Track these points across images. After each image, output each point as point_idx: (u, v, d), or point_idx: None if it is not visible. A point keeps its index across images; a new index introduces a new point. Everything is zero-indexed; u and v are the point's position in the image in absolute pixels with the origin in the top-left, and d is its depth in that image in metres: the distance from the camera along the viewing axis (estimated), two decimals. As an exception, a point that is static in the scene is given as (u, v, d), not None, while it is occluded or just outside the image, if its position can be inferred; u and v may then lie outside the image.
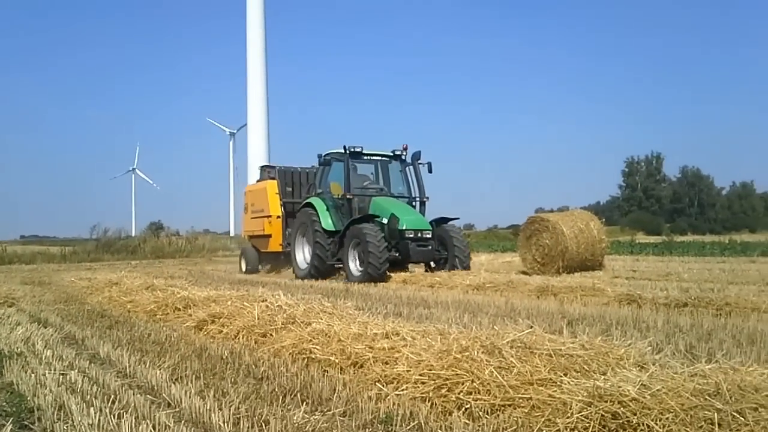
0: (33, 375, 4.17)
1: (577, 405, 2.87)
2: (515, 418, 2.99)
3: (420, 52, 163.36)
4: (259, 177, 17.57)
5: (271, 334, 5.18)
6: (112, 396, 3.60)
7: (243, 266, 16.64)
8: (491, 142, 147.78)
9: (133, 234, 37.53)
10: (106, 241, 29.02)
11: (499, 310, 6.88)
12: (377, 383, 3.68)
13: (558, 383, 3.15)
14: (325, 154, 13.56)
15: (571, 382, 3.11)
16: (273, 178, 15.90)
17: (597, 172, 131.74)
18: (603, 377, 3.12)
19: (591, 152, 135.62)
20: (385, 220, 12.31)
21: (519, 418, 2.99)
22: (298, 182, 15.98)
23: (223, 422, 3.07)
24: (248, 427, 3.03)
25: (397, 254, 12.12)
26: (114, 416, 3.14)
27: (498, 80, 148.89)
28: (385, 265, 11.49)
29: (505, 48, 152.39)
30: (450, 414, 3.18)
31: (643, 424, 2.67)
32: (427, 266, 12.94)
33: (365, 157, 13.66)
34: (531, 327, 4.11)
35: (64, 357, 4.84)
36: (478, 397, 3.22)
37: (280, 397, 3.58)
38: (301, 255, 13.67)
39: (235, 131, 60.94)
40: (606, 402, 2.82)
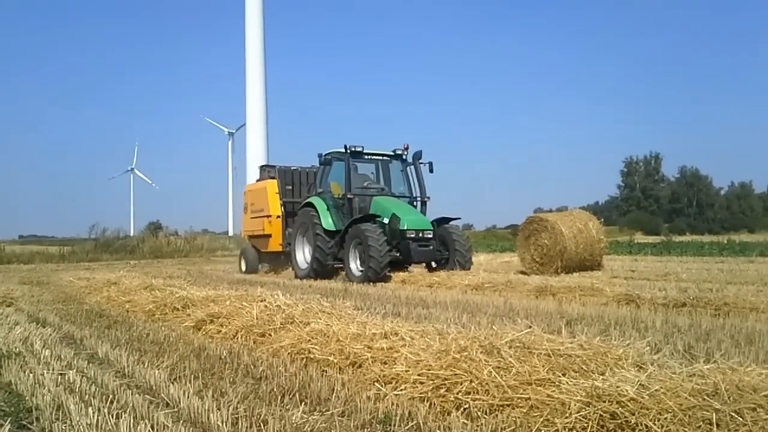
0: (31, 375, 4.17)
1: (575, 405, 2.87)
2: (514, 418, 2.99)
3: (419, 53, 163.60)
4: (258, 176, 17.44)
5: (269, 334, 5.18)
6: (111, 396, 3.60)
7: (243, 266, 16.56)
8: (490, 142, 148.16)
9: (132, 234, 37.47)
10: (104, 240, 29.01)
11: (498, 310, 6.89)
12: (376, 383, 3.69)
13: (556, 383, 3.15)
14: (326, 154, 13.48)
15: (569, 382, 3.11)
16: (273, 178, 15.80)
17: (596, 172, 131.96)
18: (601, 377, 3.12)
19: (590, 152, 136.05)
20: (386, 220, 12.23)
21: (517, 418, 2.99)
22: (298, 182, 15.91)
23: (222, 422, 3.07)
24: (247, 427, 3.03)
25: (399, 254, 12.04)
26: (112, 416, 3.13)
27: (497, 80, 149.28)
28: (387, 266, 11.44)
29: (504, 48, 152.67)
30: (448, 414, 3.19)
31: (641, 424, 2.67)
32: (428, 266, 12.87)
33: (366, 157, 13.57)
34: (529, 327, 4.11)
35: (62, 357, 4.84)
36: (477, 397, 3.22)
37: (279, 397, 3.58)
38: (302, 255, 13.63)
39: (233, 131, 60.83)
40: (604, 402, 2.82)
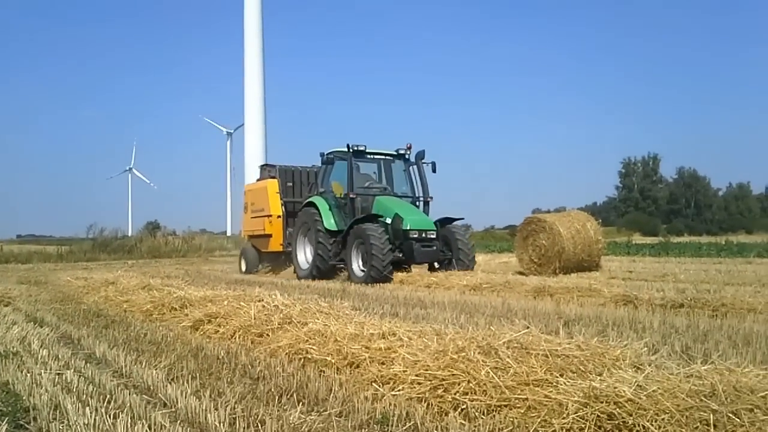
0: (29, 374, 4.16)
1: (573, 405, 2.87)
2: (511, 419, 3.00)
3: (419, 53, 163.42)
4: (259, 176, 17.32)
5: (267, 334, 5.18)
6: (108, 396, 3.60)
7: (243, 266, 16.47)
8: (488, 142, 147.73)
9: (130, 234, 37.49)
10: (102, 240, 29.02)
11: (496, 311, 6.89)
12: (373, 383, 3.68)
13: (554, 384, 3.15)
14: (328, 153, 13.37)
15: (567, 383, 3.12)
16: (273, 177, 15.70)
17: (594, 172, 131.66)
18: (599, 378, 3.12)
19: (588, 153, 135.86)
20: (389, 220, 12.12)
21: (515, 418, 2.99)
22: (298, 181, 15.84)
23: (219, 422, 3.07)
24: (244, 428, 3.03)
25: (401, 255, 11.94)
26: (110, 416, 3.13)
27: (495, 81, 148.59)
28: (389, 266, 11.35)
29: (503, 48, 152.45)
30: (446, 414, 3.19)
31: (638, 425, 2.68)
32: (430, 267, 12.74)
33: (368, 156, 13.46)
34: (527, 327, 4.11)
35: (60, 357, 4.83)
36: (475, 397, 3.22)
37: (277, 397, 3.58)
38: (303, 255, 13.56)
39: (232, 131, 60.72)
40: (602, 403, 2.82)
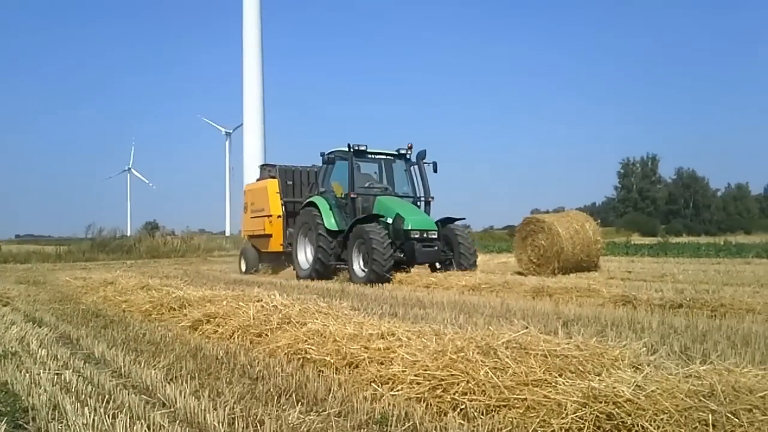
0: (27, 374, 4.16)
1: (571, 406, 2.88)
2: (510, 419, 3.00)
3: (419, 53, 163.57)
4: (259, 176, 17.22)
5: (266, 334, 5.18)
6: (107, 396, 3.59)
7: (243, 266, 16.40)
8: (487, 143, 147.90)
9: (129, 233, 37.56)
10: (101, 240, 29.00)
11: (495, 311, 6.89)
12: (372, 383, 3.69)
13: (553, 384, 3.16)
14: (329, 153, 13.31)
15: (566, 383, 3.12)
16: (273, 177, 15.63)
17: (592, 173, 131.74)
18: (598, 378, 3.12)
19: (587, 153, 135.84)
20: (390, 220, 12.08)
21: (514, 418, 3.00)
22: (299, 181, 15.78)
23: (218, 422, 3.07)
24: (243, 428, 3.03)
25: (402, 255, 11.89)
26: (108, 416, 3.13)
27: (495, 81, 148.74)
28: (391, 266, 11.32)
29: (503, 48, 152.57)
30: (445, 414, 3.19)
31: (637, 425, 2.68)
32: (431, 267, 12.69)
33: (369, 156, 13.41)
34: (526, 328, 4.12)
35: (58, 357, 4.83)
36: (473, 397, 3.23)
37: (275, 397, 3.58)
38: (303, 255, 13.52)
39: (230, 131, 60.68)
40: (601, 403, 2.83)
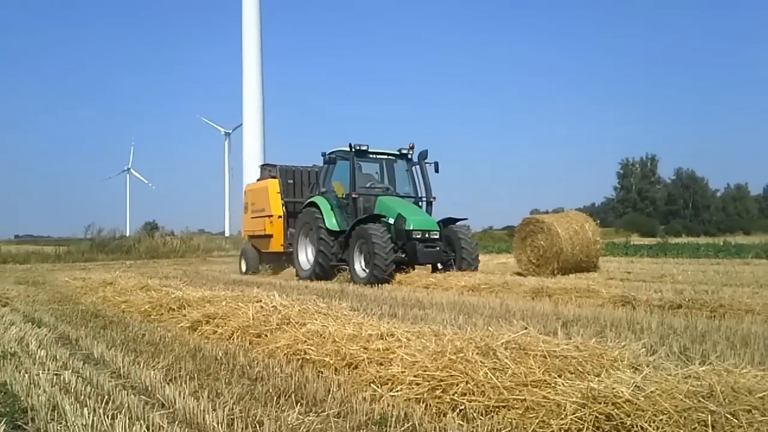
0: (26, 375, 4.16)
1: (571, 406, 2.88)
2: (509, 420, 3.00)
3: (419, 53, 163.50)
4: (259, 176, 17.15)
5: (265, 335, 5.18)
6: (106, 396, 3.59)
7: (243, 267, 16.34)
8: (487, 143, 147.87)
9: (128, 234, 37.58)
10: (100, 241, 28.95)
11: (494, 312, 6.89)
12: (372, 384, 3.69)
13: (552, 384, 3.16)
14: (330, 153, 13.26)
15: (565, 384, 3.12)
16: (274, 177, 15.58)
17: (592, 173, 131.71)
18: (597, 379, 3.13)
19: (586, 154, 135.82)
20: (392, 220, 12.03)
21: (513, 419, 3.00)
22: (299, 181, 15.73)
23: (217, 423, 3.07)
24: (242, 428, 3.03)
25: (404, 255, 11.85)
26: (108, 417, 3.13)
27: (495, 81, 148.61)
28: (392, 267, 11.27)
29: (503, 48, 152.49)
30: (444, 415, 3.19)
31: (636, 426, 2.68)
32: (432, 267, 12.65)
33: (371, 156, 13.36)
34: (525, 328, 4.12)
35: (57, 357, 4.83)
36: (473, 398, 3.23)
37: (275, 398, 3.58)
38: (304, 256, 13.47)
39: (230, 131, 60.65)
40: (600, 403, 2.83)
